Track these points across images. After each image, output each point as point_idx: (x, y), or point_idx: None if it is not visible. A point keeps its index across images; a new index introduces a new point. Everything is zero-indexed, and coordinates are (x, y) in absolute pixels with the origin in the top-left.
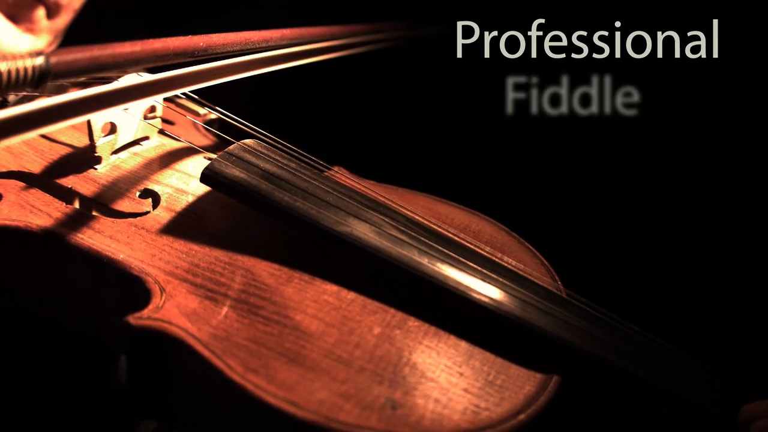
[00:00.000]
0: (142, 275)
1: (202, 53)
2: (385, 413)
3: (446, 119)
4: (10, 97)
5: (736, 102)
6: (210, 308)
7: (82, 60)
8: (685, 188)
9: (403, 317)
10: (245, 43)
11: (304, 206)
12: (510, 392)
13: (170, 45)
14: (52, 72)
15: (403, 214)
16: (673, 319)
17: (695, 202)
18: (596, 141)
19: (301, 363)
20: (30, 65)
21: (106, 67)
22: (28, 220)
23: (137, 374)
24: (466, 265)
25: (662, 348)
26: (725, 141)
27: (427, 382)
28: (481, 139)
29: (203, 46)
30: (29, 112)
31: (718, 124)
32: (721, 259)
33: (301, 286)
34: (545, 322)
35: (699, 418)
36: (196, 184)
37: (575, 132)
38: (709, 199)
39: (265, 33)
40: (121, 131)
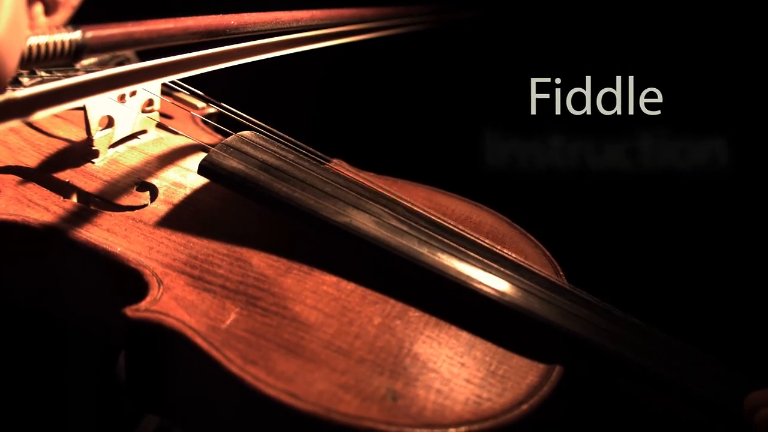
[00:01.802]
0: (140, 268)
1: (234, 32)
2: (385, 404)
3: (451, 115)
4: (24, 80)
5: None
6: (208, 300)
7: (118, 35)
8: (688, 181)
9: (404, 308)
10: (275, 23)
11: (302, 197)
12: (512, 382)
13: (202, 23)
14: (88, 46)
15: (403, 205)
16: (676, 308)
17: (700, 192)
18: (607, 138)
19: (300, 354)
20: (68, 39)
21: (140, 43)
22: (26, 215)
23: (136, 368)
24: (467, 255)
25: (665, 338)
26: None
27: (428, 372)
28: (481, 136)
29: (234, 25)
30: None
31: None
32: (724, 250)
33: (300, 277)
34: (547, 312)
35: (703, 408)
36: (194, 177)
37: (585, 128)
38: (714, 190)
39: (296, 13)
40: (118, 125)
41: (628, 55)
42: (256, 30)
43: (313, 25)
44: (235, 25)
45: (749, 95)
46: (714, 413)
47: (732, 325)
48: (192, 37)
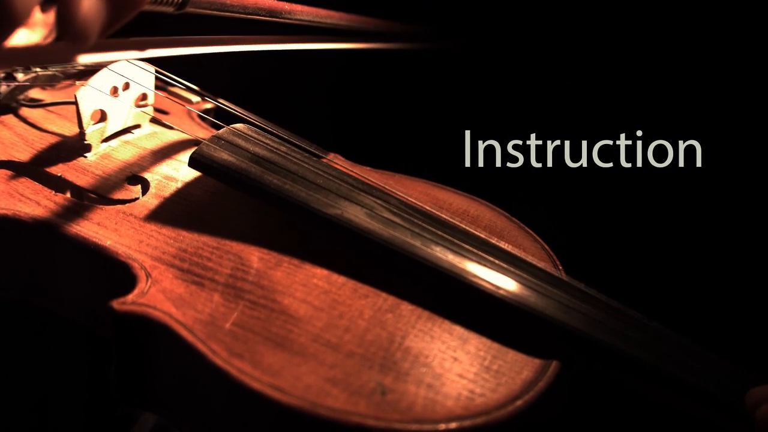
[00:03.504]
0: (129, 261)
1: (287, 16)
2: (374, 399)
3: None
4: (19, 75)
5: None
6: (196, 293)
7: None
8: (688, 174)
9: (396, 301)
10: (315, 16)
11: (293, 189)
12: (507, 378)
13: (267, 3)
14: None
15: (397, 197)
16: (677, 302)
17: (700, 185)
18: (600, 130)
19: (288, 348)
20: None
21: (225, 9)
22: (17, 209)
23: (123, 361)
24: (462, 248)
25: (665, 332)
26: (727, 129)
27: (419, 367)
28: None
29: (288, 9)
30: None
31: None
32: (726, 244)
33: (291, 270)
34: (544, 306)
35: (704, 403)
36: (186, 171)
37: (582, 119)
38: (713, 183)
39: (332, 12)
40: (111, 119)
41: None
42: (300, 19)
43: (337, 25)
44: (288, 10)
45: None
46: (715, 408)
47: (734, 319)
48: (259, 12)
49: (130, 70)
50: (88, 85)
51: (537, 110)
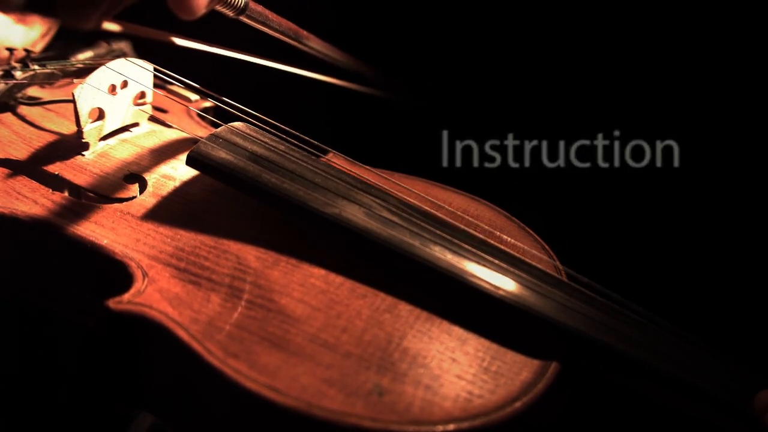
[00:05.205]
0: (125, 260)
1: (304, 42)
2: (371, 400)
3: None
4: (17, 73)
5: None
6: (193, 293)
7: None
8: (688, 172)
9: (394, 301)
10: (323, 47)
11: (291, 188)
12: (506, 379)
13: (294, 27)
14: (249, 9)
15: (396, 196)
16: (682, 302)
17: (701, 184)
18: (578, 130)
19: (284, 348)
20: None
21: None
22: (14, 207)
23: (119, 360)
24: (461, 248)
25: (669, 332)
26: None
27: (417, 368)
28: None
29: (306, 35)
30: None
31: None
32: (704, 243)
33: (288, 270)
34: (544, 306)
35: (709, 405)
36: (184, 169)
37: (560, 119)
38: (713, 181)
39: (337, 50)
40: (109, 117)
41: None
42: (312, 48)
43: (336, 61)
44: (306, 36)
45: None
46: (721, 411)
47: (741, 319)
48: (288, 33)
49: (129, 68)
50: (86, 83)
51: (515, 110)
